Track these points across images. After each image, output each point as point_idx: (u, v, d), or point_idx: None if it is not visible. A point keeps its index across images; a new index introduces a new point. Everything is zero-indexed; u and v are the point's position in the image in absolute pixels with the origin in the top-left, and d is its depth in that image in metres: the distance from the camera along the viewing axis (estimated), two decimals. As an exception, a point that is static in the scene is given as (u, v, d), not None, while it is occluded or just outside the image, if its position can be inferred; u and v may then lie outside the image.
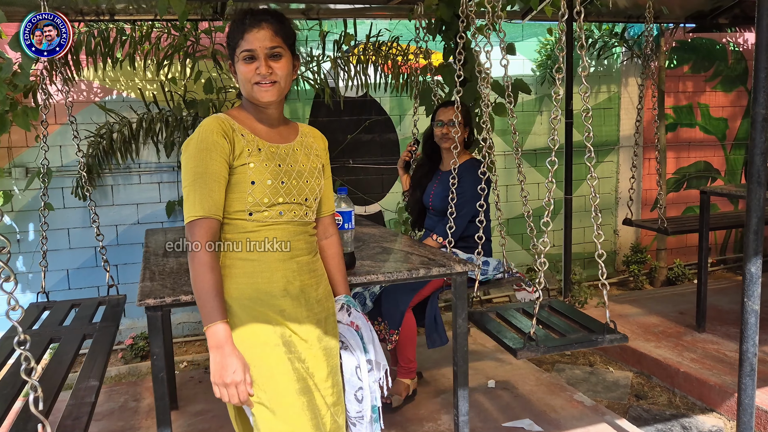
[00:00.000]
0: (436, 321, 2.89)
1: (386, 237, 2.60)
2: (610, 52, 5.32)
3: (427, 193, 3.22)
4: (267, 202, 1.60)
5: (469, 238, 3.03)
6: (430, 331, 2.90)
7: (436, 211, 3.14)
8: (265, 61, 1.60)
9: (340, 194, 1.98)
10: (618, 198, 5.54)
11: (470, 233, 3.02)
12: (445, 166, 3.18)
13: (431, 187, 3.21)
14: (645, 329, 3.94)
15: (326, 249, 1.84)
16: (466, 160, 3.08)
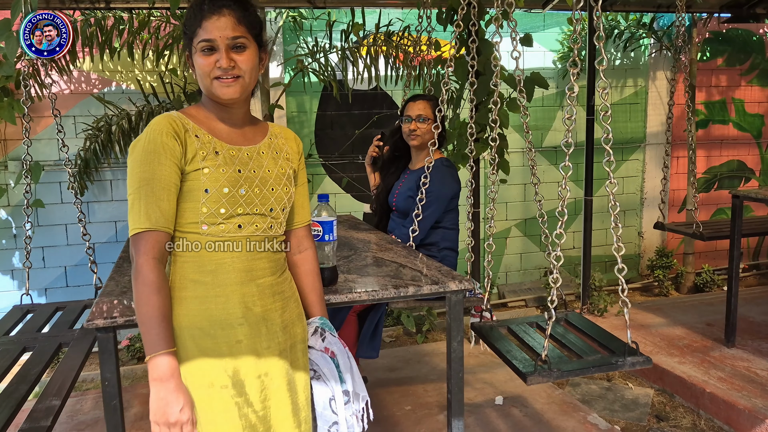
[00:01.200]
0: (376, 331, 2.65)
1: (381, 245, 2.39)
2: (637, 43, 5.01)
3: (392, 193, 2.99)
4: (224, 213, 1.39)
5: (432, 245, 2.80)
6: (364, 339, 2.66)
7: (399, 212, 2.92)
8: (227, 53, 1.39)
9: (321, 202, 1.77)
10: (643, 198, 5.25)
11: (435, 240, 2.80)
12: (414, 164, 2.95)
13: (396, 187, 2.99)
14: (669, 342, 3.67)
15: (299, 265, 1.64)
16: (435, 160, 2.85)
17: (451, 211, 2.83)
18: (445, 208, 2.78)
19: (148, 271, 1.32)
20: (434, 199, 2.69)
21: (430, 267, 2.00)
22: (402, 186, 2.92)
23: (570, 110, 1.96)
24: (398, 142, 3.02)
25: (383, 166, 3.10)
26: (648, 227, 5.27)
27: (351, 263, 2.08)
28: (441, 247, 2.80)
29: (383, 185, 3.05)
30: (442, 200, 2.74)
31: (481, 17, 3.36)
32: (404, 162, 3.03)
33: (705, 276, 5.01)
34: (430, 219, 2.73)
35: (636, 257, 5.35)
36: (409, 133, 2.86)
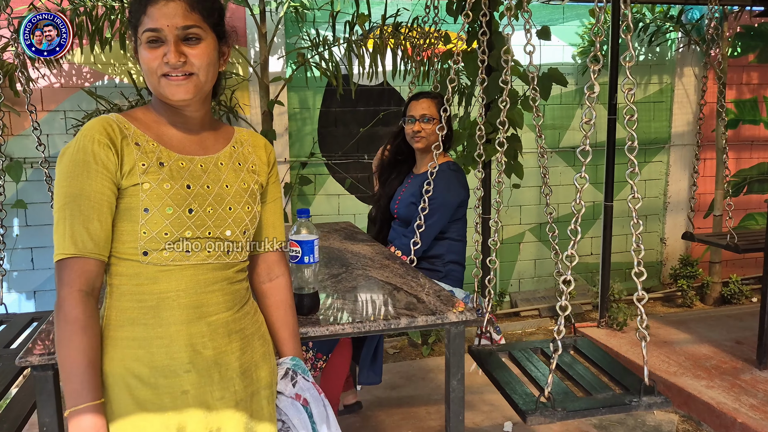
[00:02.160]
0: (376, 354, 2.41)
1: (377, 259, 2.14)
2: (663, 37, 4.70)
3: (394, 199, 2.75)
4: (168, 237, 1.16)
5: (436, 258, 2.55)
6: (364, 363, 2.41)
7: (401, 220, 2.67)
8: (176, 46, 1.15)
9: (300, 217, 1.52)
10: (666, 203, 4.95)
11: (439, 252, 2.55)
12: (418, 168, 2.70)
13: (399, 192, 2.74)
14: (694, 362, 3.39)
15: (269, 295, 1.40)
16: (440, 163, 2.59)
17: (458, 220, 2.58)
18: (451, 217, 2.53)
19: (71, 306, 1.09)
20: (439, 206, 2.45)
21: (428, 291, 1.75)
22: (404, 192, 2.68)
23: (589, 113, 1.69)
24: (401, 145, 2.77)
25: (383, 171, 2.85)
26: (671, 233, 4.97)
27: (339, 284, 1.84)
28: (446, 261, 2.56)
29: (384, 191, 2.80)
30: (448, 208, 2.49)
31: (494, 8, 3.09)
32: (407, 166, 2.79)
33: (732, 287, 4.69)
34: (434, 229, 2.48)
35: (658, 265, 5.05)
36: (413, 135, 2.61)
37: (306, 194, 4.29)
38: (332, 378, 2.41)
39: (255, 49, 4.00)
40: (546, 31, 3.23)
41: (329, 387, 2.43)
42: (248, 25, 4.01)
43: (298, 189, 4.25)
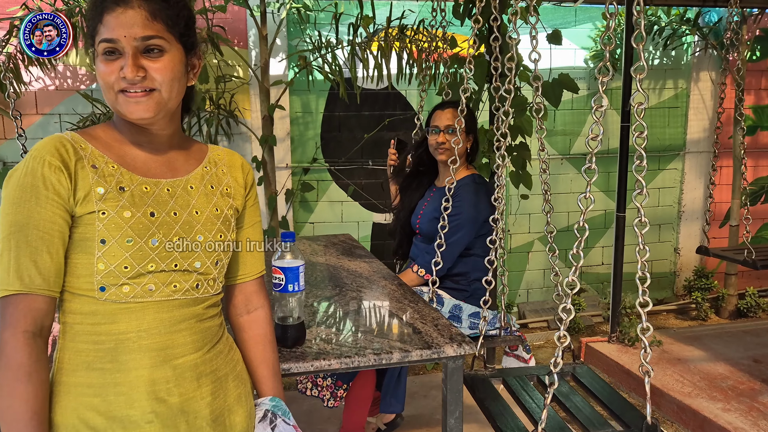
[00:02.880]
0: (400, 379, 2.28)
1: (375, 280, 2.01)
2: (679, 41, 4.54)
3: (415, 214, 2.61)
4: (128, 270, 1.04)
5: (461, 276, 2.42)
6: (387, 390, 2.29)
7: (423, 236, 2.53)
8: (134, 59, 1.03)
9: (285, 241, 1.40)
10: (681, 212, 4.78)
11: (464, 270, 2.42)
12: (441, 181, 2.56)
13: (421, 206, 2.60)
14: (710, 382, 3.24)
15: (247, 329, 1.27)
16: (465, 176, 2.46)
17: (484, 235, 2.44)
18: (477, 232, 2.40)
19: (13, 349, 0.97)
20: (464, 222, 2.31)
21: (425, 319, 1.62)
22: (427, 206, 2.54)
23: (596, 128, 1.55)
24: (423, 155, 2.64)
25: (404, 181, 2.72)
26: (685, 243, 4.80)
27: (330, 309, 1.71)
28: (471, 279, 2.43)
29: (404, 203, 2.66)
30: (474, 224, 2.35)
31: (504, 11, 2.96)
32: (429, 178, 2.65)
33: (749, 299, 4.53)
34: (459, 246, 2.35)
35: (671, 275, 4.89)
36: (437, 146, 2.48)
37: (308, 201, 4.17)
38: (355, 407, 2.29)
39: (256, 52, 3.88)
40: (557, 35, 3.09)
41: (353, 417, 2.31)
42: (249, 26, 3.90)
43: (300, 196, 4.13)
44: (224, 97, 3.69)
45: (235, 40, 3.91)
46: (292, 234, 1.40)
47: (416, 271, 2.37)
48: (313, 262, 2.23)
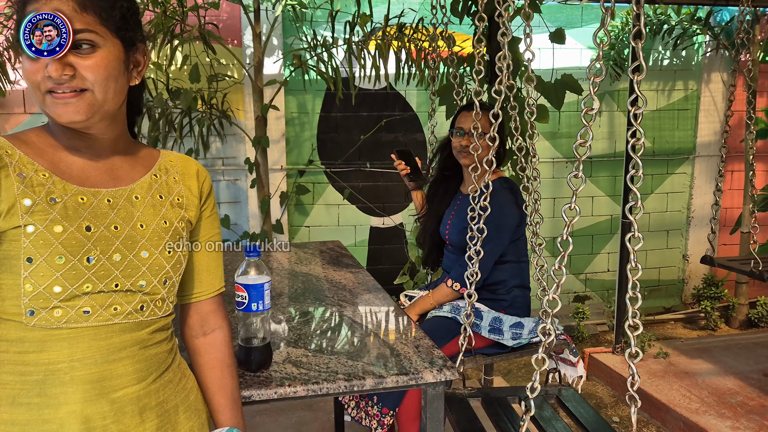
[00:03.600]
0: None
1: (359, 293, 1.89)
2: (690, 41, 4.39)
3: (444, 223, 2.48)
4: (59, 292, 0.92)
5: (497, 285, 2.29)
6: None
7: (454, 246, 2.40)
8: (62, 56, 0.92)
9: (249, 256, 1.28)
10: (690, 217, 4.63)
11: (501, 278, 2.29)
12: (466, 186, 2.43)
13: (449, 214, 2.47)
14: (719, 398, 3.09)
15: (203, 353, 1.16)
16: (492, 181, 2.32)
17: (518, 240, 2.32)
18: (511, 238, 2.28)
19: None
20: (495, 230, 2.17)
21: (406, 339, 1.50)
22: (455, 215, 2.40)
23: (585, 133, 1.42)
24: (448, 159, 2.49)
25: (430, 188, 2.58)
26: (694, 250, 4.65)
27: (306, 326, 1.59)
28: (509, 287, 2.30)
29: (431, 212, 2.53)
30: (506, 231, 2.22)
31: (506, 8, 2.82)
32: (455, 183, 2.52)
33: (760, 309, 4.37)
34: (492, 256, 2.22)
35: (679, 283, 4.74)
36: (460, 150, 2.33)
37: (304, 204, 4.06)
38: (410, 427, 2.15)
39: (251, 50, 3.77)
40: (560, 34, 2.96)
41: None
42: (244, 25, 3.79)
43: (295, 198, 4.01)
44: (216, 97, 3.58)
45: (229, 38, 3.81)
46: (256, 248, 1.28)
47: (450, 285, 2.25)
48: (296, 272, 2.11)
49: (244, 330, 1.30)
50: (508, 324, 2.22)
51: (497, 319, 2.22)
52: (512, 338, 2.20)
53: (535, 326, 2.24)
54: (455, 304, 2.27)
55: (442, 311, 2.25)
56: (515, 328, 2.21)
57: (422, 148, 4.18)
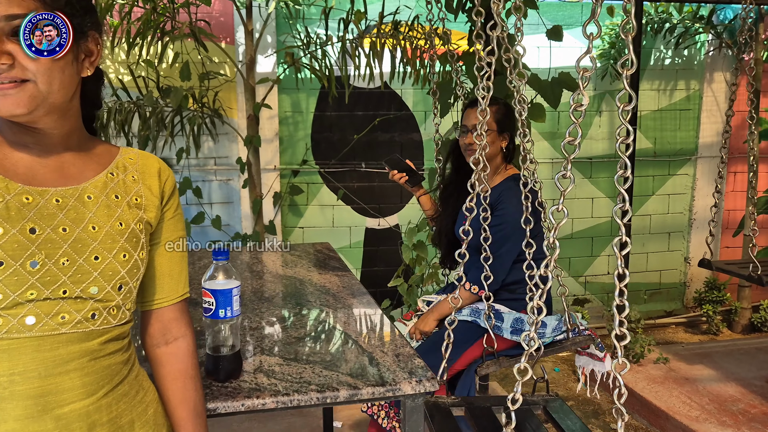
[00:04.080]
0: None
1: (342, 298, 1.82)
2: (692, 40, 4.31)
3: (459, 223, 2.39)
4: (0, 299, 0.86)
5: (517, 285, 2.21)
6: None
7: (470, 247, 2.32)
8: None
9: (217, 260, 1.21)
10: (692, 219, 4.55)
11: (520, 277, 2.20)
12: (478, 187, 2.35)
13: (463, 214, 2.38)
14: (720, 405, 3.01)
15: (164, 363, 1.09)
16: (505, 179, 2.24)
17: (535, 237, 2.24)
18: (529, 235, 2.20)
19: None
20: (512, 230, 2.10)
21: (386, 348, 1.43)
22: None
23: (574, 131, 1.34)
24: (460, 158, 2.42)
25: (445, 189, 2.48)
26: (696, 252, 4.56)
27: (284, 332, 1.52)
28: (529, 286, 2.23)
29: (447, 212, 2.44)
30: (522, 229, 2.15)
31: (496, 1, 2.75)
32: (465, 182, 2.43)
33: (763, 313, 4.28)
34: (510, 256, 2.15)
35: (681, 286, 4.65)
36: (466, 148, 2.26)
37: (297, 204, 3.99)
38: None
39: (244, 48, 3.70)
40: (557, 31, 2.89)
41: None
42: (237, 22, 3.72)
43: (289, 199, 3.95)
44: (207, 96, 3.52)
45: (222, 36, 3.74)
46: (226, 252, 1.21)
47: (468, 288, 2.17)
48: (280, 275, 2.04)
49: (212, 338, 1.23)
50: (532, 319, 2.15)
51: (519, 320, 2.15)
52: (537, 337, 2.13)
53: (558, 323, 2.18)
54: (474, 307, 2.20)
55: (462, 315, 2.19)
56: (539, 328, 2.14)
57: (419, 148, 4.11)
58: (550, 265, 1.36)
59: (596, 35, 1.23)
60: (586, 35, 1.23)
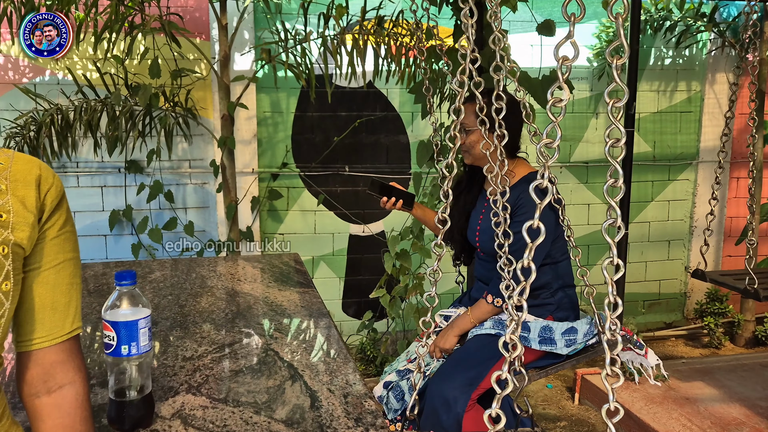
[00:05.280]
0: None
1: (298, 319, 1.62)
2: (693, 38, 4.11)
3: (472, 227, 2.18)
4: None
5: (542, 290, 2.02)
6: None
7: (486, 253, 2.11)
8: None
9: (120, 285, 1.00)
10: (693, 227, 4.34)
11: (545, 281, 2.01)
12: (489, 184, 2.13)
13: (476, 217, 2.17)
14: (722, 427, 2.80)
15: (45, 417, 0.88)
16: (521, 178, 2.03)
17: (557, 238, 2.04)
18: (552, 237, 2.01)
19: None
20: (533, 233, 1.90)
21: (335, 386, 1.22)
22: (483, 219, 2.10)
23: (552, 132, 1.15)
24: None
25: (455, 186, 2.23)
26: (697, 261, 4.35)
27: (218, 365, 1.32)
28: (554, 289, 2.03)
29: (456, 210, 2.19)
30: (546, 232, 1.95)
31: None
32: (481, 178, 2.20)
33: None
34: (537, 261, 1.95)
35: (681, 297, 4.45)
36: (460, 149, 2.06)
37: (277, 210, 3.79)
38: None
39: (219, 44, 3.50)
40: (548, 25, 2.70)
41: None
42: (212, 18, 3.52)
43: (268, 204, 3.74)
44: (179, 94, 3.32)
45: (196, 32, 3.54)
46: (131, 274, 1.00)
47: (491, 301, 1.98)
48: (234, 291, 1.84)
49: (115, 379, 1.02)
50: (560, 331, 1.95)
51: (547, 328, 1.95)
52: (566, 345, 1.93)
53: (590, 327, 1.98)
54: (498, 318, 2.00)
55: (484, 329, 1.99)
56: (568, 334, 1.95)
57: (405, 150, 3.90)
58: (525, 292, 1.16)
59: (579, 16, 1.03)
60: (566, 16, 1.03)
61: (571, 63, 1.06)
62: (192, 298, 1.77)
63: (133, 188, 3.52)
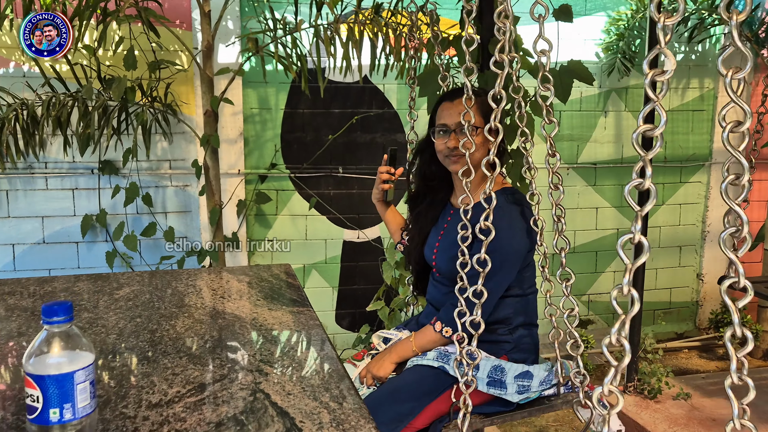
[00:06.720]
0: None
1: (292, 349, 1.34)
2: (707, 33, 3.89)
3: (430, 244, 1.91)
4: None
5: (500, 324, 1.76)
6: None
7: (443, 275, 1.84)
8: None
9: (49, 324, 0.73)
10: (705, 232, 4.12)
11: (504, 315, 1.76)
12: (457, 198, 1.85)
13: (436, 234, 1.90)
14: (754, 453, 2.55)
15: None
16: (497, 191, 1.75)
17: (526, 267, 1.78)
18: (520, 266, 1.74)
19: None
20: (504, 259, 1.64)
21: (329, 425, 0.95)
22: (444, 236, 1.83)
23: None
24: (431, 164, 1.90)
25: (412, 204, 2.00)
26: (710, 268, 4.14)
27: (192, 415, 1.04)
28: (514, 326, 1.77)
29: (416, 232, 1.95)
30: (515, 257, 1.69)
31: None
32: (444, 194, 1.94)
33: (786, 337, 3.85)
34: (498, 291, 1.69)
35: (693, 305, 4.22)
36: (447, 154, 1.76)
37: (265, 214, 3.51)
38: None
39: (202, 35, 3.22)
40: (566, 10, 2.44)
41: None
42: (194, 5, 3.24)
43: (255, 208, 3.46)
44: (157, 90, 3.03)
45: (178, 21, 3.26)
46: (66, 307, 0.72)
47: (439, 330, 1.72)
48: (217, 312, 1.56)
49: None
50: (513, 374, 1.69)
51: (498, 369, 1.69)
52: (518, 392, 1.68)
53: (548, 375, 1.72)
54: (443, 350, 1.75)
55: (426, 359, 1.73)
56: (521, 379, 1.69)
57: (403, 150, 3.63)
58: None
59: None
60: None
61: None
62: (166, 320, 1.49)
63: (108, 191, 3.24)
